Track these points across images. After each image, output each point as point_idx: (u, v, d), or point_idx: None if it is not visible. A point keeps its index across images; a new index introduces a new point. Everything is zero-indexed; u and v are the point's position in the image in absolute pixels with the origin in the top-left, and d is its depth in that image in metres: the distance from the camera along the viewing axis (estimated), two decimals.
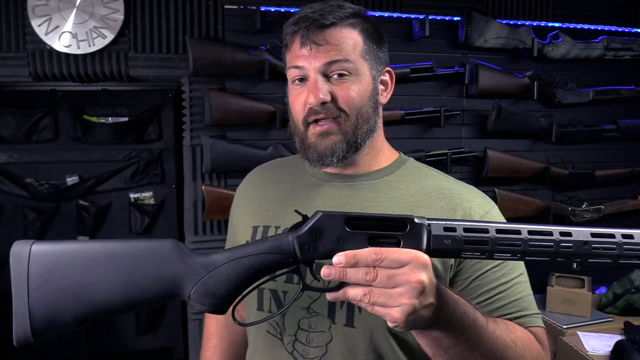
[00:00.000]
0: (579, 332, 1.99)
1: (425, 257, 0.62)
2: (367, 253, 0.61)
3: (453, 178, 0.97)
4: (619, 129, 2.44)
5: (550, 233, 0.64)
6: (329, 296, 0.64)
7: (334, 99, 0.85)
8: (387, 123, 2.15)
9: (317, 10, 0.86)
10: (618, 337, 1.91)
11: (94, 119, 2.59)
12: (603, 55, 2.40)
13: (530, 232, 0.63)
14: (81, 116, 2.58)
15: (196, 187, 2.11)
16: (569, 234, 0.64)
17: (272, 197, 0.98)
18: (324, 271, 0.62)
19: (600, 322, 2.09)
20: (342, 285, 0.63)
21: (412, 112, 2.20)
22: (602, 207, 2.46)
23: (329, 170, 0.95)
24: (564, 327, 2.03)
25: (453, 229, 0.64)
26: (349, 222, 0.64)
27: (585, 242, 0.63)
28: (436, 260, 0.84)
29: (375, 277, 0.60)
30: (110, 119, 2.60)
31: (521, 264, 0.87)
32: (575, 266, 0.66)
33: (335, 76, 0.86)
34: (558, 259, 0.64)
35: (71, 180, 2.61)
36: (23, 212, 2.57)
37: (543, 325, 0.86)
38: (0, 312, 2.53)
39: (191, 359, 2.22)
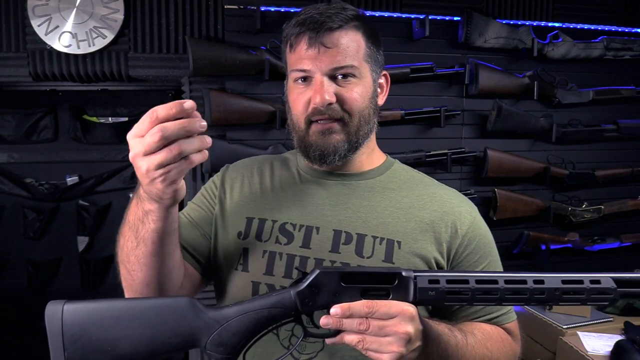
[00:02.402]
0: (579, 332, 1.98)
1: (412, 309, 0.70)
2: (361, 306, 0.69)
3: (436, 181, 1.01)
4: (619, 129, 2.44)
5: (524, 282, 0.71)
6: (328, 341, 0.72)
7: (339, 101, 0.87)
8: (387, 123, 2.15)
9: (323, 12, 0.87)
10: (618, 337, 1.91)
11: (94, 119, 2.59)
12: (603, 55, 2.40)
13: (507, 282, 0.71)
14: (81, 116, 2.58)
15: (196, 188, 2.11)
16: (541, 282, 0.71)
17: (268, 190, 0.97)
18: (323, 321, 0.70)
19: (600, 322, 2.09)
20: (339, 331, 0.71)
21: (412, 112, 2.20)
22: (602, 207, 2.46)
23: (320, 167, 0.95)
24: (564, 327, 2.03)
25: (437, 281, 0.72)
26: (343, 277, 0.72)
27: (556, 289, 0.71)
28: (436, 253, 0.89)
29: (368, 327, 0.68)
30: (110, 119, 2.61)
31: (500, 263, 0.96)
32: (547, 308, 0.73)
33: (340, 77, 0.87)
34: (532, 303, 0.72)
35: (71, 180, 2.62)
36: (23, 212, 2.58)
37: (515, 318, 0.96)
38: (0, 312, 2.54)
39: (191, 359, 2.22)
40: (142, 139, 0.65)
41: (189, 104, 0.65)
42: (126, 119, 2.60)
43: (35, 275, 2.61)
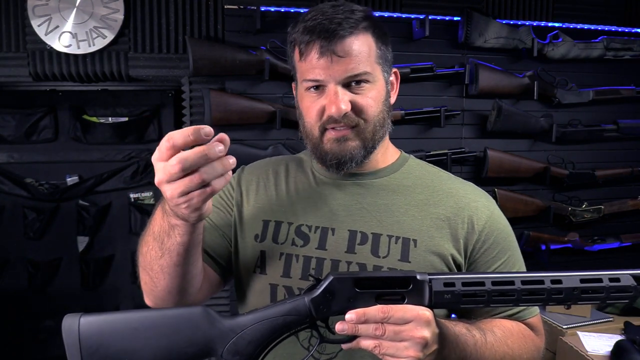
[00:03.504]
0: (579, 332, 1.98)
1: (428, 313, 0.69)
2: (376, 311, 0.68)
3: (452, 175, 0.99)
4: (619, 129, 2.44)
5: (542, 282, 0.69)
6: (344, 346, 0.72)
7: (354, 108, 0.86)
8: None
9: (332, 18, 0.84)
10: (618, 337, 1.91)
11: (94, 119, 2.59)
12: (603, 55, 2.40)
13: (524, 282, 0.69)
14: (81, 116, 2.58)
15: None
16: (559, 282, 0.69)
17: (283, 192, 0.97)
18: (338, 327, 0.70)
19: (600, 322, 2.09)
20: (355, 336, 0.71)
21: (412, 112, 2.20)
22: (602, 207, 2.46)
23: (337, 174, 0.94)
24: (564, 327, 2.03)
25: (452, 284, 0.70)
26: (357, 283, 0.71)
27: (575, 289, 0.69)
28: (453, 249, 0.88)
29: (383, 332, 0.68)
30: (110, 119, 2.60)
31: (521, 257, 0.94)
32: (565, 307, 0.72)
33: (354, 84, 0.86)
34: (550, 303, 0.71)
35: (71, 180, 2.62)
36: (23, 212, 2.58)
37: (538, 312, 0.94)
38: (0, 312, 2.54)
39: None
40: (164, 164, 0.64)
41: (206, 130, 0.63)
42: (126, 119, 2.60)
43: (35, 275, 2.61)
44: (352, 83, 0.86)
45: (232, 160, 0.66)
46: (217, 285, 0.97)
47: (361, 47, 0.85)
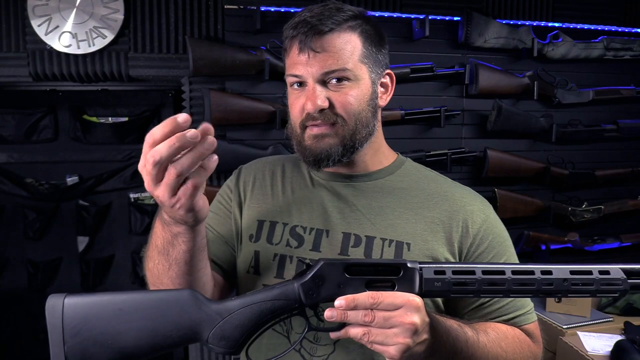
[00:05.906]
0: (579, 332, 1.98)
1: (418, 299, 0.69)
2: (365, 297, 0.68)
3: (449, 179, 0.99)
4: (619, 129, 2.44)
5: (532, 272, 0.70)
6: (333, 335, 0.71)
7: (331, 105, 0.85)
8: (387, 123, 2.15)
9: (316, 15, 0.85)
10: (618, 337, 1.91)
11: (94, 119, 2.59)
12: (603, 55, 2.40)
13: (514, 272, 0.70)
14: (81, 116, 2.58)
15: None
16: (549, 272, 0.69)
17: (279, 192, 0.97)
18: (327, 313, 0.69)
19: (600, 322, 2.09)
20: (344, 324, 0.70)
21: (412, 112, 2.20)
22: (602, 207, 2.46)
23: (330, 169, 0.95)
24: (564, 327, 2.03)
25: (442, 272, 0.71)
26: (347, 269, 0.71)
27: (565, 280, 0.69)
28: (447, 253, 0.88)
29: (373, 319, 0.67)
30: (110, 119, 2.61)
31: (516, 260, 0.93)
32: (556, 300, 0.73)
33: (334, 81, 0.85)
34: (540, 295, 0.70)
35: (71, 180, 2.62)
36: (23, 212, 2.58)
37: (536, 319, 0.92)
38: (1, 312, 2.54)
39: (191, 359, 2.22)
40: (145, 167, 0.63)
41: (182, 117, 0.60)
42: (126, 119, 2.60)
43: (35, 275, 2.61)
44: (332, 80, 0.85)
45: (207, 143, 0.62)
46: (227, 291, 0.97)
47: (343, 44, 0.85)
